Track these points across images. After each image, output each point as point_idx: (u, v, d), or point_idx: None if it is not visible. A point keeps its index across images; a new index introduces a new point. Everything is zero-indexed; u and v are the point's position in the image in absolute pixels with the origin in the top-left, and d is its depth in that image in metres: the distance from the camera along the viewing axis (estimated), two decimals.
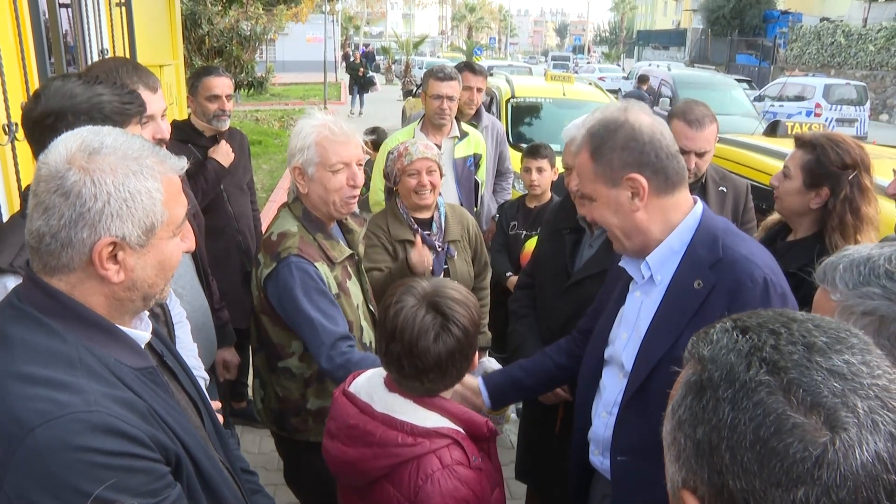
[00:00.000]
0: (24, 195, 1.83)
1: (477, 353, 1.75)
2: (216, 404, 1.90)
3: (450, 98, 3.98)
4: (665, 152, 1.73)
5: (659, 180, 1.74)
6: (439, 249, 3.08)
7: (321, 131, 2.29)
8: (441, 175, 3.06)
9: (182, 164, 1.31)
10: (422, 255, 2.83)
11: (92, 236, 1.17)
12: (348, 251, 2.46)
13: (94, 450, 1.08)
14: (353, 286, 2.47)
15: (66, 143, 1.19)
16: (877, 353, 0.80)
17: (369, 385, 1.73)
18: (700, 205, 1.83)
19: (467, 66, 4.68)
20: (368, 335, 2.48)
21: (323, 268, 2.31)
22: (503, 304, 3.14)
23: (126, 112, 1.82)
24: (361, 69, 21.45)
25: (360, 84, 21.38)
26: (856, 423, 0.71)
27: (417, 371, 1.61)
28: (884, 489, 0.71)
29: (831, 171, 2.37)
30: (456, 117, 4.16)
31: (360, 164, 2.36)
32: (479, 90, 4.64)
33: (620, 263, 1.93)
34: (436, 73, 4.02)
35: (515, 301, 2.93)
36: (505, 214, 4.07)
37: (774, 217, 2.70)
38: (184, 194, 1.34)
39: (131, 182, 1.19)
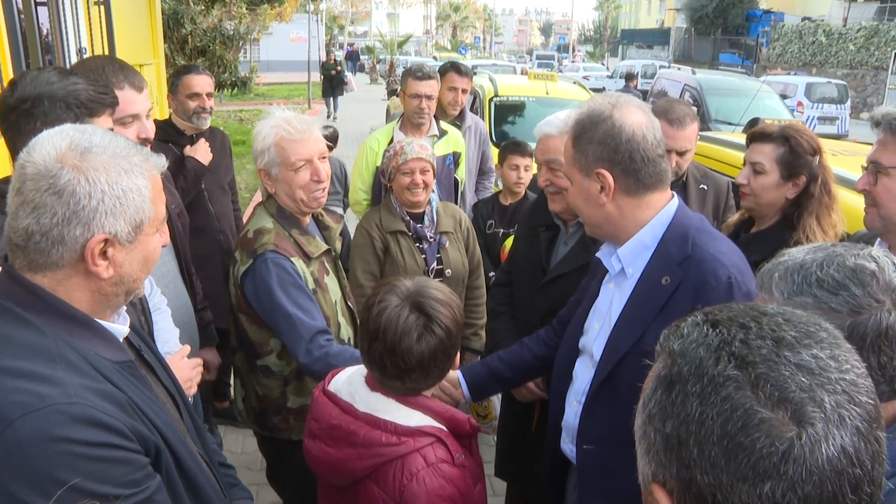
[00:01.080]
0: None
1: (460, 353, 1.75)
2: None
3: (428, 97, 3.98)
4: (642, 155, 1.74)
5: (629, 181, 1.75)
6: (431, 240, 3.13)
7: (278, 132, 2.30)
8: (434, 175, 3.11)
9: (162, 161, 1.33)
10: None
11: (85, 234, 1.19)
12: (325, 246, 2.47)
13: (74, 441, 1.08)
14: (331, 282, 2.48)
15: (54, 142, 1.20)
16: (846, 348, 0.80)
17: (350, 384, 1.72)
18: (675, 201, 1.84)
19: (453, 67, 4.65)
20: (346, 331, 2.49)
21: (299, 263, 2.32)
22: None
23: (101, 101, 1.82)
24: (336, 69, 20.13)
25: (332, 84, 20.21)
26: (822, 418, 0.72)
27: (400, 371, 1.61)
28: (849, 483, 0.71)
29: (806, 158, 2.44)
30: (435, 116, 4.15)
31: (323, 158, 2.37)
32: (463, 91, 4.61)
33: (597, 254, 1.94)
34: (414, 73, 4.01)
35: (492, 298, 2.95)
36: (480, 213, 4.04)
37: (734, 218, 2.75)
38: (166, 192, 1.35)
39: (123, 180, 1.21)
